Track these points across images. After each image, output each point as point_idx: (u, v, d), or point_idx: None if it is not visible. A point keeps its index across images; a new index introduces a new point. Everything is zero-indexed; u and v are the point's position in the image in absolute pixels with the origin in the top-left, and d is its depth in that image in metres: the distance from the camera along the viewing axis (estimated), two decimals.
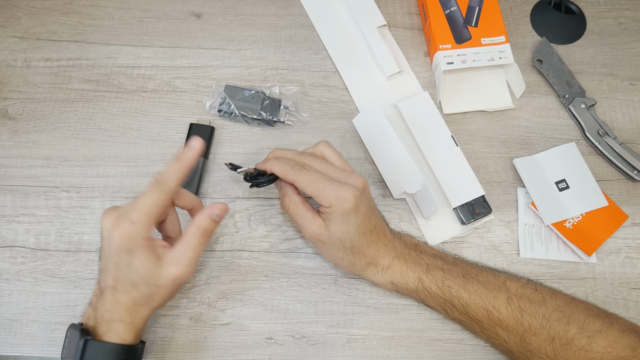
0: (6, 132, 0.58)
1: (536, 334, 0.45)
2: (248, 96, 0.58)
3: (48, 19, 0.63)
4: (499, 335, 0.47)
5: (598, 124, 0.58)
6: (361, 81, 0.61)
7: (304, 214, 0.47)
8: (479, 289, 0.47)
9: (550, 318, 0.45)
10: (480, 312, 0.47)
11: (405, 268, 0.48)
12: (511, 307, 0.46)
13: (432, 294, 0.48)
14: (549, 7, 0.64)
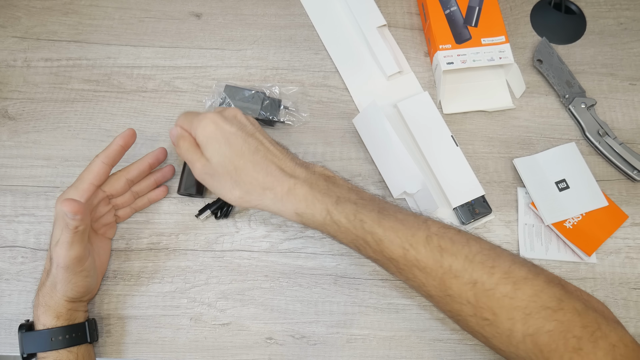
0: (6, 132, 0.58)
1: (457, 276, 0.40)
2: (248, 96, 0.58)
3: (48, 19, 0.63)
4: (417, 276, 0.42)
5: (598, 124, 0.58)
6: (361, 81, 0.61)
7: (193, 152, 0.47)
8: (396, 226, 0.42)
9: (473, 260, 0.40)
10: (395, 250, 0.42)
11: (311, 197, 0.44)
12: (430, 247, 0.41)
13: (343, 228, 0.44)
14: (549, 7, 0.64)
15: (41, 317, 0.48)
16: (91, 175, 0.49)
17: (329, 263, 0.54)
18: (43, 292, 0.48)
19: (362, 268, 0.54)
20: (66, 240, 0.46)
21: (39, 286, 0.49)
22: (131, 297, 0.53)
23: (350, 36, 0.63)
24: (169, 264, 0.54)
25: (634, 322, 0.53)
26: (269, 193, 0.45)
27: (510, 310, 0.39)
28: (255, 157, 0.45)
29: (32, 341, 0.47)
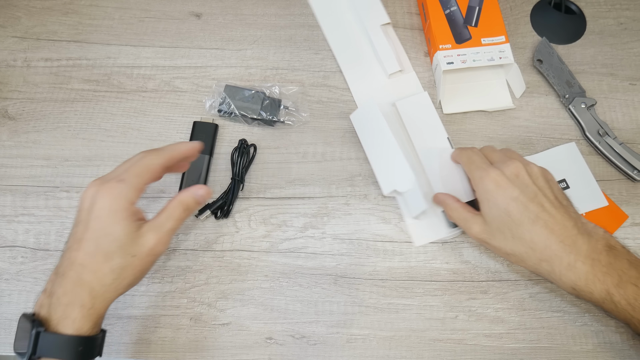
0: (6, 132, 0.58)
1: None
2: (248, 96, 0.58)
3: (48, 19, 0.63)
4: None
5: (598, 124, 0.58)
6: (362, 78, 0.61)
7: (464, 217, 0.49)
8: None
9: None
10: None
11: (592, 276, 0.43)
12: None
13: (621, 309, 0.43)
14: (549, 7, 0.64)
15: (77, 319, 0.39)
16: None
17: (329, 263, 0.54)
18: (94, 290, 0.40)
19: (362, 268, 0.54)
20: (175, 228, 0.43)
21: (79, 279, 0.40)
22: (131, 297, 0.53)
23: (354, 33, 0.62)
24: (169, 264, 0.54)
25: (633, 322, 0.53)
26: (546, 265, 0.45)
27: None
28: (534, 228, 0.45)
29: (53, 346, 0.39)
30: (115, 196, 0.40)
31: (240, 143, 0.57)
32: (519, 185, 0.46)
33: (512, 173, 0.47)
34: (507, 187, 0.46)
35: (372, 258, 0.54)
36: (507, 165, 0.47)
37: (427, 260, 0.54)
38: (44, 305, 0.40)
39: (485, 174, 0.47)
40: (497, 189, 0.46)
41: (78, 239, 0.41)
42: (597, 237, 0.45)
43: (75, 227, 0.42)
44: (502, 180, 0.46)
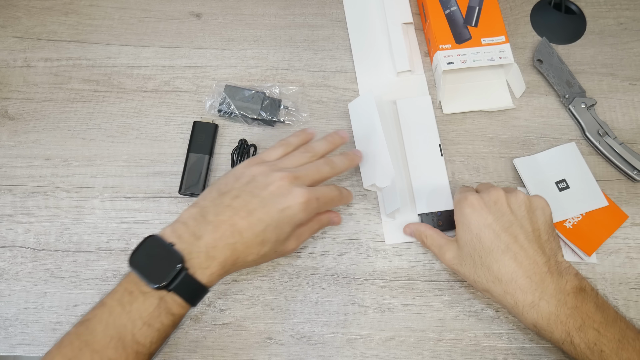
0: (6, 132, 0.58)
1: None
2: (248, 96, 0.58)
3: (48, 19, 0.63)
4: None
5: (598, 124, 0.58)
6: (371, 70, 0.61)
7: (439, 244, 0.50)
8: (633, 358, 0.42)
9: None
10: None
11: (554, 316, 0.43)
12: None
13: (580, 352, 0.43)
14: (549, 7, 0.64)
15: (214, 274, 0.42)
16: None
17: (329, 263, 0.54)
18: (237, 259, 0.43)
19: (362, 268, 0.54)
20: (308, 238, 0.50)
21: (233, 244, 0.42)
22: None
23: (375, 26, 0.63)
24: None
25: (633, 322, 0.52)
26: (510, 298, 0.44)
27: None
28: (503, 258, 0.44)
29: (188, 288, 0.41)
30: (306, 206, 0.44)
31: (240, 143, 0.57)
32: (495, 212, 0.46)
33: (490, 199, 0.46)
34: (482, 212, 0.46)
35: (372, 258, 0.54)
36: (488, 191, 0.47)
37: (427, 260, 0.54)
38: (184, 242, 0.42)
39: (464, 197, 0.47)
40: (472, 213, 0.46)
41: (249, 209, 0.43)
42: (567, 278, 0.44)
43: (246, 193, 0.44)
44: (479, 205, 0.46)
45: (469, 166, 0.57)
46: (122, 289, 0.41)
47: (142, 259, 0.41)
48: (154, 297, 0.40)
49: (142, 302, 0.40)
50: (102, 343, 0.39)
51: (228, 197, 0.44)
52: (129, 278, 0.42)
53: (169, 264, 0.40)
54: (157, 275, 0.40)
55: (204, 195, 0.46)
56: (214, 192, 0.45)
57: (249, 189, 0.44)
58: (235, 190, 0.44)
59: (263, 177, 0.45)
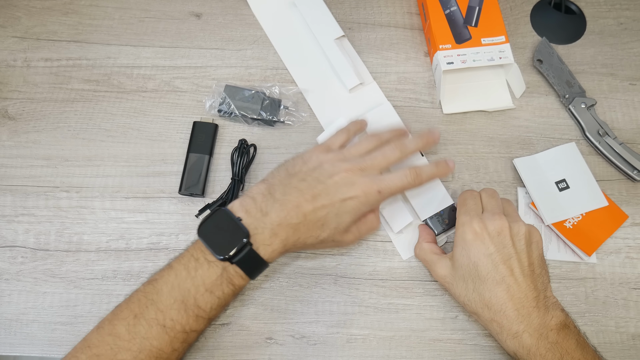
0: (6, 132, 0.58)
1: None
2: (248, 96, 0.58)
3: (48, 19, 0.63)
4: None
5: (598, 124, 0.58)
6: (323, 96, 0.59)
7: (431, 259, 0.50)
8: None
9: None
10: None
11: (534, 349, 0.44)
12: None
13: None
14: (549, 7, 0.64)
15: (276, 250, 0.44)
16: None
17: (329, 263, 0.54)
18: (298, 240, 0.45)
19: (362, 268, 0.54)
20: (363, 237, 0.51)
21: (285, 220, 0.44)
22: None
23: (310, 51, 0.61)
24: None
25: (634, 322, 0.53)
26: (496, 326, 0.46)
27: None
28: (496, 289, 0.45)
29: (250, 262, 0.43)
30: (367, 199, 0.46)
31: (240, 143, 0.57)
32: (497, 244, 0.46)
33: (494, 229, 0.47)
34: (485, 241, 0.46)
35: (372, 258, 0.54)
36: (493, 219, 0.47)
37: None
38: (252, 216, 0.44)
39: (468, 222, 0.48)
40: (474, 240, 0.47)
41: (314, 193, 0.45)
42: (554, 313, 0.45)
43: (313, 178, 0.46)
44: (482, 234, 0.47)
45: (469, 166, 0.57)
46: (189, 255, 0.44)
47: (211, 229, 0.44)
48: (217, 266, 0.43)
49: (206, 270, 0.43)
50: (166, 303, 0.42)
51: (296, 178, 0.46)
52: (197, 245, 0.44)
53: (235, 237, 0.43)
54: (223, 247, 0.43)
55: (273, 173, 0.48)
56: (282, 172, 0.47)
57: (316, 175, 0.46)
58: (303, 173, 0.46)
59: (329, 165, 0.46)
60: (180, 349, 0.43)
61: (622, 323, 0.53)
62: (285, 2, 0.63)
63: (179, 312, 0.42)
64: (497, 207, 0.49)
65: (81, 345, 0.42)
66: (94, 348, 0.41)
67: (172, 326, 0.42)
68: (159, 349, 0.41)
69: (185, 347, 0.44)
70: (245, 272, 0.44)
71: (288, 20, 0.62)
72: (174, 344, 0.42)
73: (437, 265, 0.49)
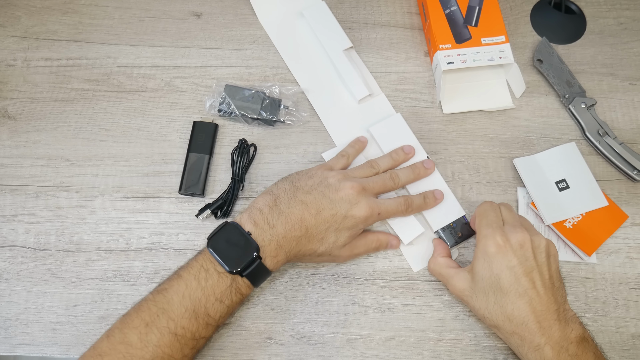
0: (6, 132, 0.58)
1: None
2: (248, 96, 0.58)
3: (48, 18, 0.63)
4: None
5: (598, 124, 0.58)
6: (332, 108, 0.59)
7: (447, 273, 0.50)
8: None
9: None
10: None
11: (556, 358, 0.44)
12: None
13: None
14: (549, 7, 0.64)
15: (279, 261, 0.47)
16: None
17: (329, 263, 0.54)
18: (299, 252, 0.47)
19: (362, 268, 0.54)
20: (361, 254, 0.53)
21: (289, 233, 0.47)
22: (131, 297, 0.52)
23: (318, 61, 0.61)
24: (169, 264, 0.54)
25: (634, 322, 0.53)
26: (517, 339, 0.46)
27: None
28: (519, 302, 0.45)
29: (258, 275, 0.46)
30: (367, 218, 0.49)
31: (240, 143, 0.56)
32: (520, 256, 0.46)
33: (517, 242, 0.46)
34: (508, 254, 0.46)
35: (372, 258, 0.54)
36: (515, 232, 0.47)
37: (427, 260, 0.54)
38: (260, 229, 0.46)
39: (491, 235, 0.47)
40: (497, 253, 0.46)
41: (319, 208, 0.48)
42: (573, 327, 0.45)
43: (318, 192, 0.48)
44: (505, 247, 0.46)
45: (469, 166, 0.57)
46: (199, 266, 0.45)
47: (221, 243, 0.46)
48: (227, 277, 0.45)
49: (216, 281, 0.45)
50: (177, 312, 0.43)
51: (301, 192, 0.48)
52: (205, 256, 0.46)
53: (245, 252, 0.45)
54: (235, 261, 0.45)
55: (278, 184, 0.50)
56: (287, 184, 0.49)
57: (321, 189, 0.48)
58: (308, 187, 0.49)
59: (335, 181, 0.49)
60: (190, 354, 0.45)
61: (622, 323, 0.53)
62: (292, 11, 0.63)
63: (190, 320, 0.44)
64: (517, 220, 0.50)
65: (91, 353, 0.43)
66: (106, 356, 0.42)
67: (183, 334, 0.43)
68: (170, 356, 0.43)
69: (194, 353, 0.45)
70: (252, 282, 0.46)
71: (295, 29, 0.62)
72: (184, 351, 0.44)
73: (455, 279, 0.49)
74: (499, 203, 0.52)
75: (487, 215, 0.50)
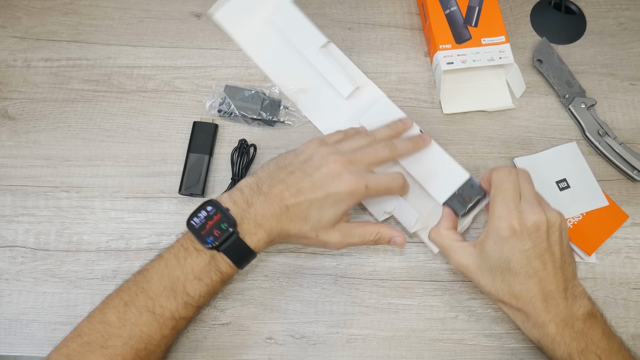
0: (6, 132, 0.58)
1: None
2: (248, 96, 0.58)
3: (48, 19, 0.63)
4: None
5: (598, 124, 0.58)
6: (321, 108, 0.58)
7: (449, 245, 0.49)
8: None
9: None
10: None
11: (559, 338, 0.44)
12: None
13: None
14: (549, 7, 0.64)
15: (261, 240, 0.46)
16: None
17: (329, 263, 0.54)
18: (283, 230, 0.46)
19: (362, 268, 0.54)
20: (356, 245, 0.50)
21: (279, 215, 0.45)
22: None
23: (299, 65, 0.59)
24: None
25: (634, 322, 0.53)
26: (522, 315, 0.46)
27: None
28: (528, 282, 0.44)
29: (237, 250, 0.45)
30: (352, 192, 0.46)
31: (240, 143, 0.57)
32: (534, 239, 0.44)
33: (533, 224, 0.44)
34: (522, 238, 0.44)
35: (372, 258, 0.54)
36: (532, 212, 0.45)
37: (427, 260, 0.54)
38: (238, 207, 0.46)
39: (506, 217, 0.45)
40: (511, 236, 0.45)
41: (299, 187, 0.46)
42: (581, 303, 0.45)
43: (301, 171, 0.46)
44: (520, 230, 0.44)
45: (469, 166, 0.57)
46: (179, 245, 0.45)
47: (203, 220, 0.45)
48: (206, 254, 0.45)
49: (195, 258, 0.44)
50: (156, 291, 0.43)
51: (284, 172, 0.47)
52: (186, 236, 0.46)
53: (225, 227, 0.44)
54: (202, 230, 0.44)
55: (264, 167, 0.49)
56: (272, 166, 0.48)
57: (304, 168, 0.47)
58: (292, 166, 0.47)
59: (319, 157, 0.47)
60: (170, 335, 0.44)
61: (622, 323, 0.52)
62: (262, 21, 0.61)
63: (168, 299, 0.43)
64: (534, 194, 0.47)
65: (72, 335, 0.43)
66: (85, 336, 0.42)
67: (162, 313, 0.43)
68: (148, 335, 0.43)
69: (175, 334, 0.45)
70: (233, 260, 0.45)
71: (270, 40, 0.60)
72: (163, 331, 0.43)
73: (459, 254, 0.47)
74: (517, 170, 0.48)
75: (504, 190, 0.46)
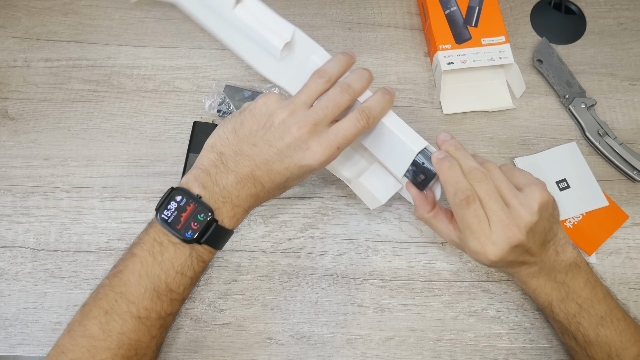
0: (6, 132, 0.58)
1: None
2: (248, 96, 0.58)
3: (48, 19, 0.63)
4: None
5: (598, 124, 0.58)
6: (268, 71, 0.50)
7: (432, 226, 0.47)
8: (612, 337, 0.43)
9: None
10: (602, 355, 0.43)
11: (543, 284, 0.44)
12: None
13: (557, 320, 0.45)
14: (549, 7, 0.64)
15: (240, 219, 0.43)
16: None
17: (329, 263, 0.54)
18: (257, 198, 0.44)
19: (362, 268, 0.54)
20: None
21: (243, 191, 0.42)
22: None
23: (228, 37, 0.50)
24: None
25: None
26: (511, 271, 0.46)
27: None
28: (519, 268, 0.45)
29: (219, 238, 0.42)
30: (325, 161, 0.42)
31: None
32: (531, 235, 0.42)
33: (526, 225, 0.41)
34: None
35: (372, 258, 0.54)
36: (521, 214, 0.41)
37: (427, 260, 0.54)
38: (210, 191, 0.42)
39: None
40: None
41: (268, 161, 0.42)
42: (563, 257, 0.44)
43: (264, 142, 0.42)
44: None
45: None
46: (151, 240, 0.41)
47: (176, 210, 0.41)
48: (185, 248, 0.41)
49: (173, 253, 0.41)
50: (136, 294, 0.40)
51: (246, 144, 0.43)
52: (157, 228, 0.42)
53: (204, 217, 0.41)
54: (178, 221, 0.41)
55: (220, 136, 0.44)
56: (230, 134, 0.43)
57: (267, 137, 0.42)
58: (253, 136, 0.43)
59: (279, 122, 0.42)
60: (159, 334, 0.42)
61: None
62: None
63: (152, 300, 0.40)
64: (505, 211, 0.42)
65: (54, 352, 0.40)
66: (69, 353, 0.39)
67: (147, 315, 0.40)
68: (137, 341, 0.40)
69: (164, 331, 0.43)
70: (213, 246, 0.43)
71: (200, 21, 0.50)
72: (151, 332, 0.41)
73: (444, 234, 0.46)
74: (487, 168, 0.44)
75: (465, 219, 0.42)
